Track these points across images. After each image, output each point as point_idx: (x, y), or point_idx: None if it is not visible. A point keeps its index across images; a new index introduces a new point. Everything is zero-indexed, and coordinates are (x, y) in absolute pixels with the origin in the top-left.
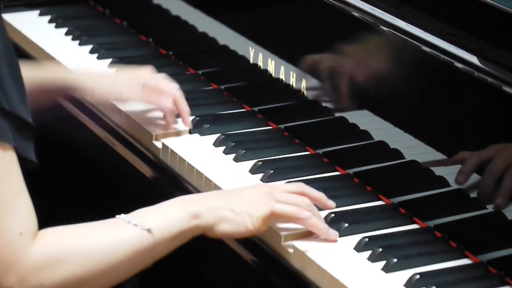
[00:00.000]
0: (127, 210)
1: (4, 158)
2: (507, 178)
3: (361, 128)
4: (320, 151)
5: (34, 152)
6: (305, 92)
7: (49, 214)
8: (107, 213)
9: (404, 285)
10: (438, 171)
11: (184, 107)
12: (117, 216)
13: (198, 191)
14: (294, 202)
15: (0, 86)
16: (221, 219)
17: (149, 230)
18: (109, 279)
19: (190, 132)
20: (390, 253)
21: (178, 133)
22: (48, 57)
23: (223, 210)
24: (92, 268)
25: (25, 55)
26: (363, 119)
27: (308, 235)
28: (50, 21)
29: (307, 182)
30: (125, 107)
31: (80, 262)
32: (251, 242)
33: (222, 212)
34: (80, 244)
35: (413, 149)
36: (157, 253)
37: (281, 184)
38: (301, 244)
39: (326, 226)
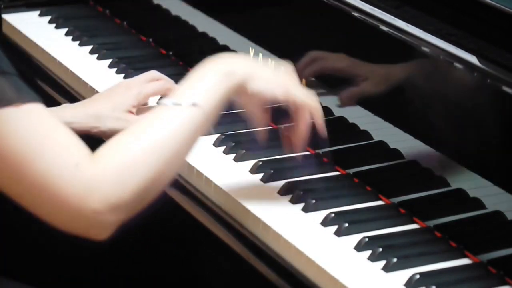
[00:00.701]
0: None
1: (35, 114)
2: None
3: (361, 128)
4: (320, 151)
5: None
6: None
7: None
8: None
9: (404, 285)
10: (438, 171)
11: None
12: (159, 102)
13: (198, 191)
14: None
15: None
16: (252, 75)
17: (199, 105)
18: (178, 165)
19: None
20: (390, 253)
21: None
22: (48, 58)
23: (253, 67)
24: (161, 163)
25: (25, 56)
26: (363, 119)
27: None
28: (50, 22)
29: (307, 182)
30: None
31: (147, 164)
32: (250, 242)
33: (253, 69)
34: (141, 146)
35: (413, 149)
36: (210, 122)
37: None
38: (301, 244)
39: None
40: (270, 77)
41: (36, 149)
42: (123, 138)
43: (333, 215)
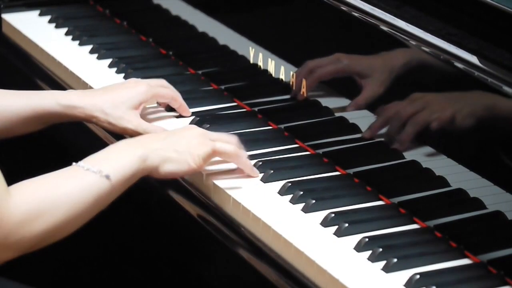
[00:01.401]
0: None
1: None
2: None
3: (361, 128)
4: (320, 151)
5: None
6: (305, 92)
7: None
8: None
9: (404, 285)
10: (438, 171)
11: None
12: (74, 164)
13: (198, 191)
14: (230, 141)
15: None
16: (165, 159)
17: (107, 177)
18: (76, 224)
19: None
20: (390, 253)
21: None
22: (48, 57)
23: (166, 151)
24: (65, 216)
25: (25, 55)
26: (363, 119)
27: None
28: (50, 21)
29: (307, 182)
30: None
31: (55, 212)
32: (250, 242)
33: (166, 153)
34: (53, 196)
35: (413, 149)
36: (113, 197)
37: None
38: (301, 244)
39: (251, 164)
40: (181, 157)
41: None
42: (42, 183)
43: (333, 215)
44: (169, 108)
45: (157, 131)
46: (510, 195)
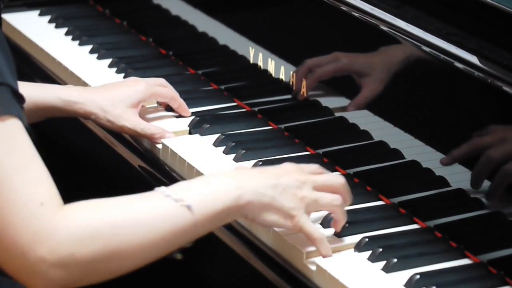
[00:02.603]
0: None
1: (11, 129)
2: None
3: (361, 128)
4: (320, 151)
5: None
6: (305, 92)
7: None
8: None
9: (404, 285)
10: (438, 171)
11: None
12: (156, 188)
13: None
14: (336, 190)
15: None
16: (267, 208)
17: (189, 207)
18: (143, 256)
19: (190, 132)
20: (390, 253)
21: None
22: (48, 57)
23: (271, 199)
24: (126, 242)
25: (25, 55)
26: (363, 119)
27: None
28: (50, 21)
29: None
30: None
31: (114, 235)
32: (250, 242)
33: (270, 202)
34: (115, 216)
35: (413, 149)
36: (197, 232)
37: (316, 172)
38: (300, 244)
39: (346, 219)
40: (282, 209)
41: (3, 172)
42: (106, 202)
43: (333, 215)
44: (169, 108)
45: (153, 131)
46: (510, 195)
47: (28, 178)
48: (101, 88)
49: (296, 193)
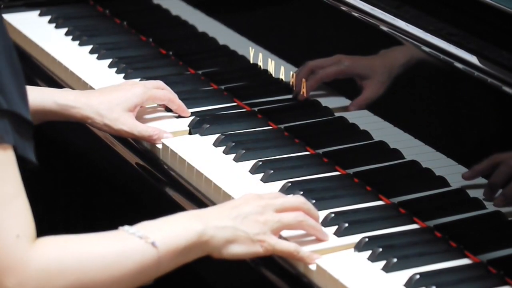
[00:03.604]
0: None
1: (2, 159)
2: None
3: (361, 128)
4: (320, 151)
5: (34, 152)
6: (305, 92)
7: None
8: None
9: (404, 285)
10: (438, 171)
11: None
12: (120, 228)
13: (198, 191)
14: (296, 206)
15: None
16: (231, 240)
17: (153, 244)
18: None
19: (190, 132)
20: (390, 253)
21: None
22: (48, 57)
23: (233, 230)
24: (94, 278)
25: (25, 55)
26: (363, 119)
27: None
28: (50, 21)
29: (307, 182)
30: None
31: (82, 271)
32: None
33: (233, 233)
34: (83, 253)
35: (413, 149)
36: (161, 269)
37: (275, 197)
38: (301, 245)
39: (320, 227)
40: (247, 238)
41: None
42: (74, 239)
43: (333, 215)
44: (169, 108)
45: (151, 133)
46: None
47: (11, 210)
48: (98, 92)
49: (258, 218)
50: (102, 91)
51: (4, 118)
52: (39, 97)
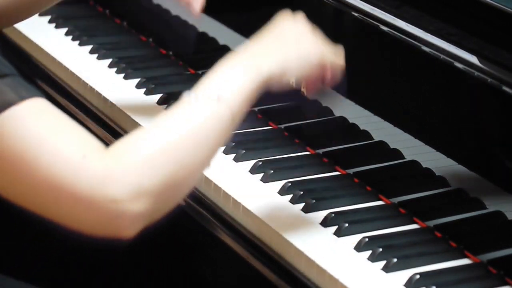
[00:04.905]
0: None
1: (42, 106)
2: None
3: (361, 128)
4: (320, 151)
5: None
6: (305, 92)
7: None
8: None
9: (404, 285)
10: (438, 171)
11: None
12: (185, 95)
13: (198, 191)
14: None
15: None
16: (286, 68)
17: (222, 100)
18: (203, 160)
19: None
20: (390, 253)
21: None
22: (48, 57)
23: (286, 58)
24: (186, 159)
25: (25, 55)
26: (363, 119)
27: None
28: (50, 21)
29: (307, 182)
30: None
31: (174, 155)
32: (250, 242)
33: (286, 62)
34: (167, 140)
35: (413, 149)
36: (237, 120)
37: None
38: (301, 244)
39: None
40: (304, 61)
41: (38, 145)
42: (145, 130)
43: (333, 215)
44: (162, 101)
45: None
46: (510, 195)
47: (63, 138)
48: None
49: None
50: None
51: (19, 78)
52: None
